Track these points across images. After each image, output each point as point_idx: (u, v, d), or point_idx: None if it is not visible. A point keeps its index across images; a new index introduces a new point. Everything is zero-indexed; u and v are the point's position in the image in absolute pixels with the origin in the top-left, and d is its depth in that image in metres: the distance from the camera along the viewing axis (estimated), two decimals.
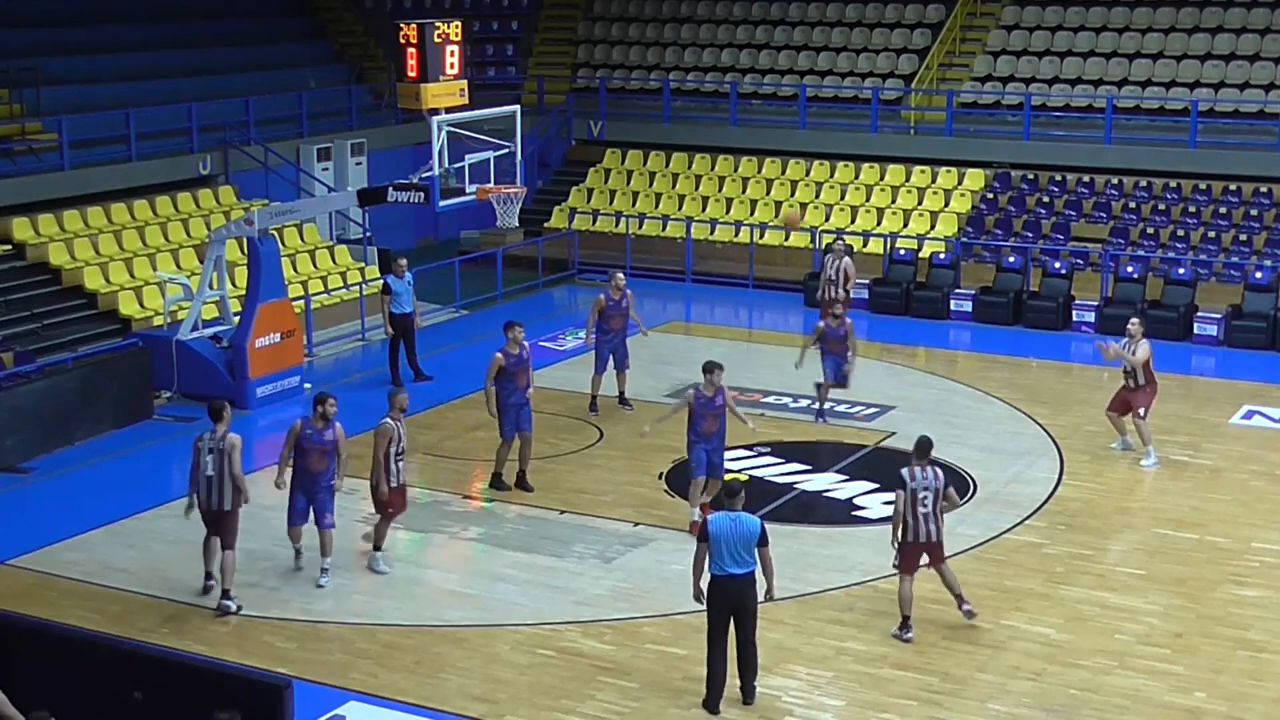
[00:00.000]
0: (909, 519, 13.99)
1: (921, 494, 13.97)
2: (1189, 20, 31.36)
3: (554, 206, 32.12)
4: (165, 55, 29.66)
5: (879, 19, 34.05)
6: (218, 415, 14.86)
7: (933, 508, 14.01)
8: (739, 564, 12.68)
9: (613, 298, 20.79)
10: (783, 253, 29.50)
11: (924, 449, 14.21)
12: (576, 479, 18.40)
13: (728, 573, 12.68)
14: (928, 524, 14.01)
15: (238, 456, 14.66)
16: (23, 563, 15.98)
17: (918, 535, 14.04)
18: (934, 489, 14.01)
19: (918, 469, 14.06)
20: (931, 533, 14.05)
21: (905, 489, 13.98)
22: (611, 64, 35.54)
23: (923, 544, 14.09)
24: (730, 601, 12.76)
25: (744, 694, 12.97)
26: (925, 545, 14.10)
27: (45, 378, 20.33)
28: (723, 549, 12.65)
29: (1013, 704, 12.98)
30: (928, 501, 13.98)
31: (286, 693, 10.96)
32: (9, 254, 23.75)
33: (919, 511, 13.97)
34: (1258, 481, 18.42)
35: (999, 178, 30.04)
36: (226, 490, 14.64)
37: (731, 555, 12.66)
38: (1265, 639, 14.19)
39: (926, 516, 13.99)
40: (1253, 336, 24.58)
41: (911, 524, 14.00)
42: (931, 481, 14.02)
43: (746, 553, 12.69)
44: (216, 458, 14.63)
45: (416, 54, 22.93)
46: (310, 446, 15.32)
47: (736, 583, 12.70)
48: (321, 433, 15.35)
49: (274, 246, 21.98)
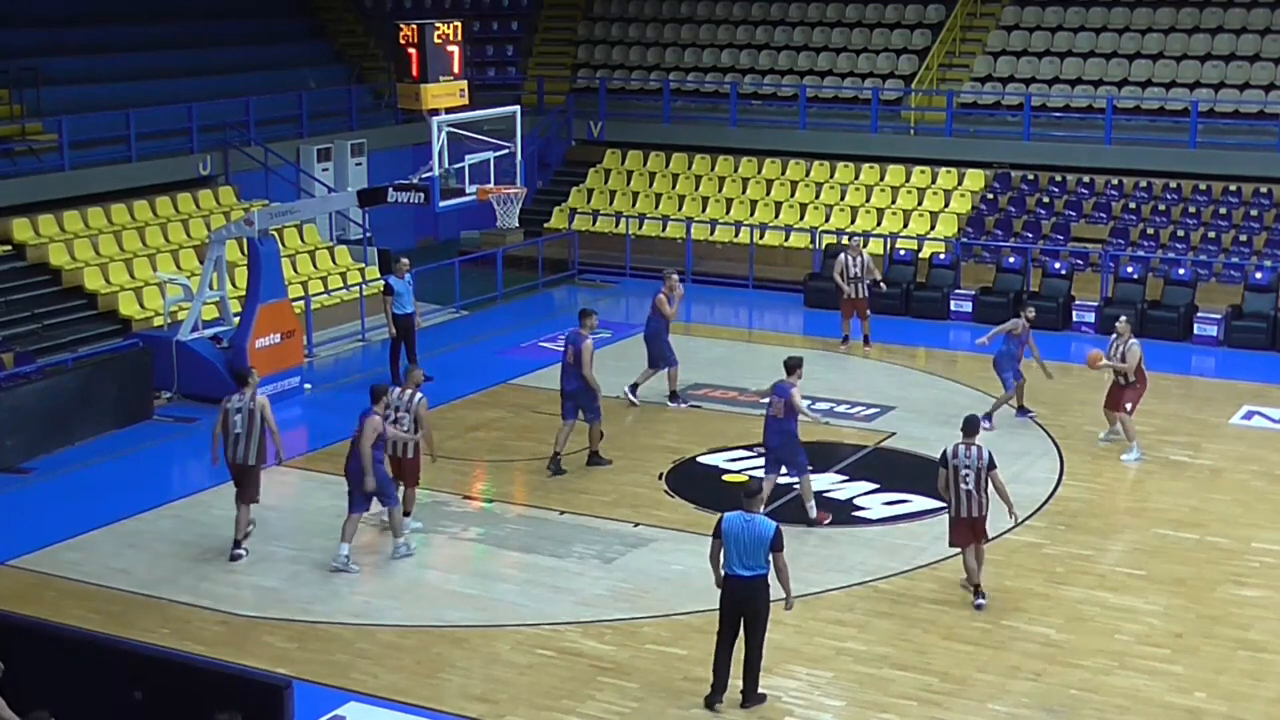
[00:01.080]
0: (950, 495, 14.56)
1: (963, 471, 14.46)
2: (1189, 21, 31.36)
3: (554, 207, 32.13)
4: (165, 55, 29.66)
5: (879, 19, 34.06)
6: (243, 380, 16.41)
7: (974, 485, 14.44)
8: (746, 566, 12.63)
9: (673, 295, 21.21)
10: (783, 253, 29.51)
11: (971, 427, 14.67)
12: (576, 479, 18.40)
13: (735, 573, 12.67)
14: (970, 501, 14.49)
15: (269, 413, 16.19)
16: (23, 563, 15.98)
17: (959, 510, 14.58)
18: (975, 468, 14.44)
19: (961, 447, 14.57)
20: (974, 508, 14.50)
21: (947, 466, 14.55)
22: (611, 64, 35.55)
23: (965, 519, 14.58)
24: (736, 602, 12.72)
25: (743, 696, 12.95)
26: (969, 520, 14.57)
27: (45, 378, 20.34)
28: (732, 549, 12.64)
29: (1013, 704, 12.98)
30: (969, 480, 14.45)
31: (286, 693, 10.97)
32: (9, 254, 23.75)
33: (961, 488, 14.49)
34: (1258, 481, 18.43)
35: (999, 178, 30.04)
36: (252, 447, 16.06)
37: (740, 556, 12.62)
38: (1265, 639, 14.19)
39: (969, 494, 14.49)
40: (1253, 337, 24.59)
41: (953, 500, 14.59)
42: (974, 460, 14.46)
43: (757, 555, 12.63)
44: (244, 417, 16.06)
45: (416, 54, 22.93)
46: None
47: (744, 584, 12.65)
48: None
49: (274, 247, 21.99)
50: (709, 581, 15.17)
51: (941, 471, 14.62)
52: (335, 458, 19.27)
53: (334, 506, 17.61)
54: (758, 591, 12.66)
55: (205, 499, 17.96)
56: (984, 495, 14.55)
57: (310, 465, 19.18)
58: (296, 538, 16.79)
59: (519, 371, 22.99)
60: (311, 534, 16.84)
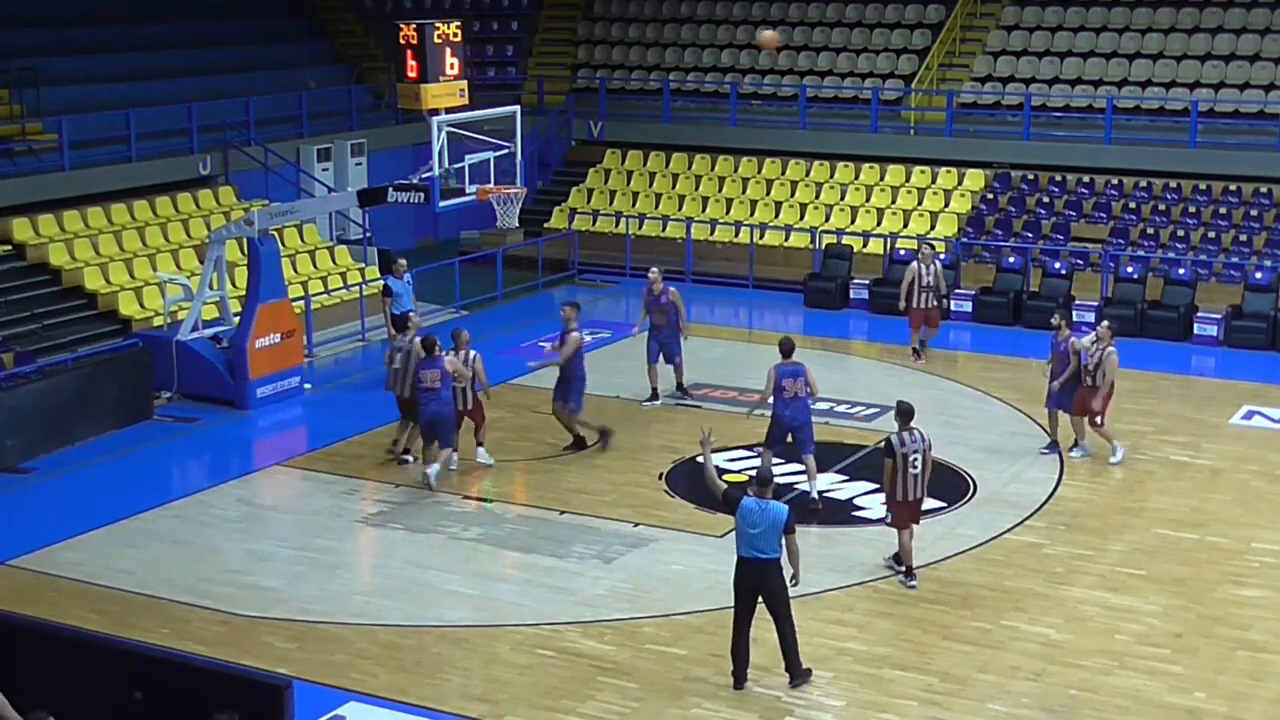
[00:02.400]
0: (898, 481, 14.96)
1: (911, 457, 14.92)
2: (1189, 20, 31.36)
3: (554, 207, 32.12)
4: (165, 55, 29.66)
5: (879, 19, 34.05)
6: (402, 326, 19.30)
7: (921, 469, 14.98)
8: (760, 549, 12.91)
9: (653, 292, 21.26)
10: (783, 253, 29.50)
11: (906, 414, 15.00)
12: (576, 479, 18.40)
13: (750, 556, 12.96)
14: (916, 485, 15.02)
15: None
16: (23, 563, 15.98)
17: (907, 494, 15.04)
18: (921, 450, 14.95)
19: (905, 434, 14.94)
20: (918, 490, 15.05)
21: (895, 455, 14.90)
22: (611, 64, 35.54)
23: (911, 503, 15.08)
24: (751, 582, 13.03)
25: (789, 677, 13.16)
26: (913, 503, 15.09)
27: (45, 378, 20.34)
28: (747, 533, 12.93)
29: (1013, 704, 12.98)
30: (917, 464, 14.95)
31: (286, 693, 10.96)
32: (9, 254, 23.76)
33: (909, 473, 14.95)
34: (1258, 481, 18.43)
35: (999, 178, 30.04)
36: (408, 382, 18.48)
37: (755, 540, 12.90)
38: (1265, 639, 14.19)
39: (916, 478, 14.99)
40: (1253, 337, 24.58)
41: (901, 485, 14.99)
42: (920, 443, 14.95)
43: (772, 539, 12.93)
44: (403, 356, 18.69)
45: (416, 54, 22.93)
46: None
47: (759, 565, 12.95)
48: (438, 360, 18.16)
49: (274, 247, 21.99)
50: (709, 582, 15.26)
51: (888, 461, 14.97)
52: (336, 458, 19.34)
53: (334, 506, 17.65)
54: (773, 573, 12.98)
55: (205, 499, 17.97)
56: (926, 477, 15.09)
57: (310, 465, 19.16)
58: (296, 538, 16.80)
59: (519, 371, 22.95)
60: (311, 534, 16.85)
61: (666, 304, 21.23)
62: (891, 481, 15.04)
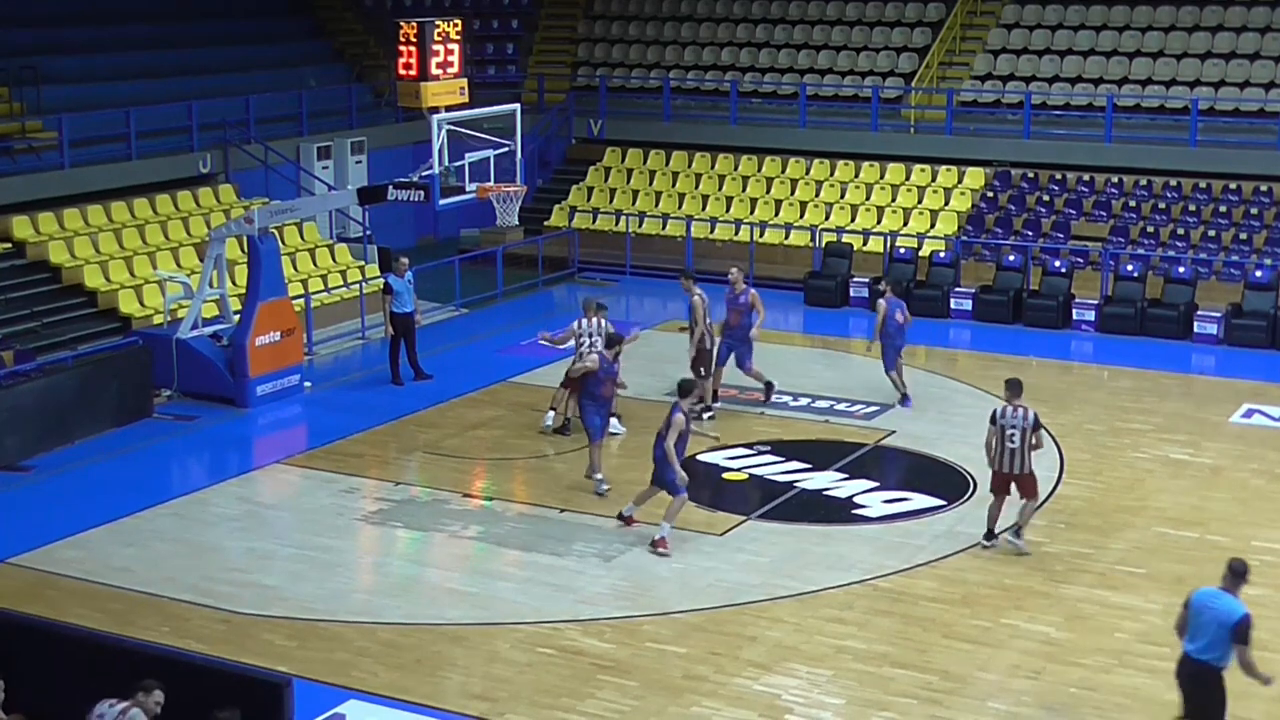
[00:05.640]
0: (995, 451, 15.71)
1: (1010, 430, 15.62)
2: (1189, 19, 31.35)
3: (554, 205, 32.11)
4: (165, 54, 29.64)
5: (879, 18, 34.04)
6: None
7: (1021, 444, 15.57)
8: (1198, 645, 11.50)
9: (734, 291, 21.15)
10: (783, 251, 29.49)
11: (1015, 388, 15.85)
12: (576, 478, 18.39)
13: (1184, 650, 11.61)
14: (1014, 458, 15.65)
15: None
16: (23, 561, 15.98)
17: (1002, 466, 15.75)
18: (1022, 428, 15.58)
19: (1009, 408, 15.70)
20: (1016, 465, 15.68)
21: (994, 424, 15.69)
22: (611, 62, 35.54)
23: (1007, 474, 15.76)
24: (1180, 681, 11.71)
25: None
26: (1010, 476, 15.76)
27: (45, 376, 20.32)
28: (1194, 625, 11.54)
29: (1013, 702, 12.98)
30: (1015, 439, 15.60)
31: (286, 691, 10.97)
32: (9, 252, 23.74)
33: (1006, 446, 15.64)
34: (1258, 480, 18.43)
35: (999, 176, 30.04)
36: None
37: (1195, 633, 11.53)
38: (1266, 638, 14.14)
39: (1013, 452, 15.63)
40: (1253, 335, 24.58)
41: (998, 456, 15.73)
42: (1020, 420, 15.61)
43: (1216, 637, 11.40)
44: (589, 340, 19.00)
45: (416, 52, 22.92)
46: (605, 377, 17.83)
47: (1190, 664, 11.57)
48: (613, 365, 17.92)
49: (274, 245, 21.98)
50: (708, 580, 15.28)
51: (990, 428, 15.73)
52: (336, 456, 19.34)
53: (334, 504, 17.65)
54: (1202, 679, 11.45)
55: (205, 497, 17.97)
56: (1027, 453, 15.66)
57: (310, 463, 19.16)
58: (296, 536, 16.79)
59: (519, 370, 22.99)
60: (312, 532, 16.85)
61: (745, 304, 20.98)
62: (990, 449, 15.79)
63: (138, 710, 10.32)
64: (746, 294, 20.97)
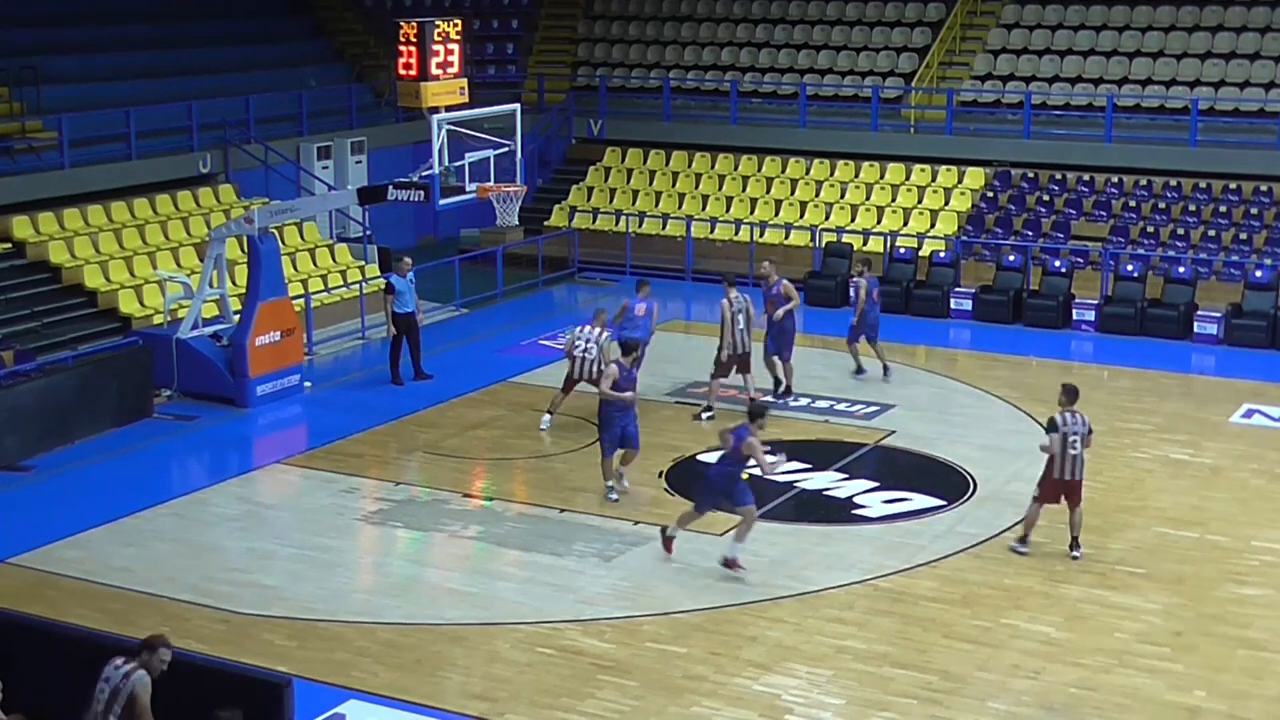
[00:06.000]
0: (1058, 458, 15.50)
1: (1072, 437, 15.51)
2: (1189, 19, 31.36)
3: (554, 205, 32.11)
4: (165, 54, 29.63)
5: (879, 18, 34.05)
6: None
7: (1080, 450, 15.53)
8: None
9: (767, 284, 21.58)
10: (783, 251, 29.48)
11: (1072, 394, 15.81)
12: (576, 477, 18.39)
13: None
14: (1075, 464, 15.56)
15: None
16: (23, 561, 15.97)
17: (1063, 473, 15.58)
18: (1081, 434, 15.56)
19: (1068, 414, 15.61)
20: (1078, 471, 15.58)
21: (1058, 431, 15.50)
22: (611, 62, 35.54)
23: (1064, 481, 15.61)
24: None
25: None
26: (1067, 484, 15.62)
27: (45, 376, 20.32)
28: None
29: (1012, 702, 12.98)
30: (1076, 445, 15.52)
31: (286, 691, 10.97)
32: (9, 252, 23.74)
33: (1069, 453, 15.51)
34: (1258, 480, 18.43)
35: (999, 176, 30.04)
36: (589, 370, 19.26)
37: None
38: (1265, 637, 14.20)
39: (1074, 458, 15.54)
40: (1253, 335, 24.58)
41: (1060, 464, 15.52)
42: (1080, 426, 15.57)
43: None
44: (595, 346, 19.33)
45: (416, 52, 22.93)
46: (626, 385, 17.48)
47: None
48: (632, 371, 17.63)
49: (274, 245, 21.98)
50: (708, 580, 15.26)
51: (1053, 436, 15.51)
52: (336, 456, 19.34)
53: (334, 504, 17.64)
54: None
55: (205, 497, 17.96)
56: (1083, 460, 15.61)
57: (310, 463, 19.16)
58: (296, 536, 16.79)
59: (519, 370, 23.00)
60: (312, 532, 16.84)
61: (777, 295, 21.42)
62: (1051, 458, 15.52)
63: (142, 671, 10.31)
64: (780, 284, 21.51)
